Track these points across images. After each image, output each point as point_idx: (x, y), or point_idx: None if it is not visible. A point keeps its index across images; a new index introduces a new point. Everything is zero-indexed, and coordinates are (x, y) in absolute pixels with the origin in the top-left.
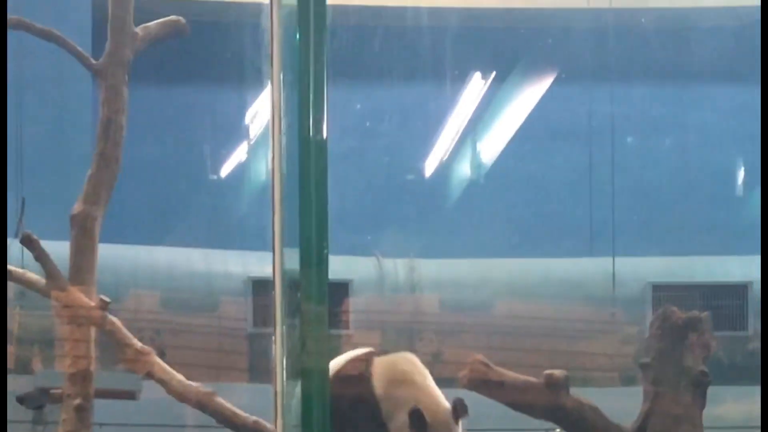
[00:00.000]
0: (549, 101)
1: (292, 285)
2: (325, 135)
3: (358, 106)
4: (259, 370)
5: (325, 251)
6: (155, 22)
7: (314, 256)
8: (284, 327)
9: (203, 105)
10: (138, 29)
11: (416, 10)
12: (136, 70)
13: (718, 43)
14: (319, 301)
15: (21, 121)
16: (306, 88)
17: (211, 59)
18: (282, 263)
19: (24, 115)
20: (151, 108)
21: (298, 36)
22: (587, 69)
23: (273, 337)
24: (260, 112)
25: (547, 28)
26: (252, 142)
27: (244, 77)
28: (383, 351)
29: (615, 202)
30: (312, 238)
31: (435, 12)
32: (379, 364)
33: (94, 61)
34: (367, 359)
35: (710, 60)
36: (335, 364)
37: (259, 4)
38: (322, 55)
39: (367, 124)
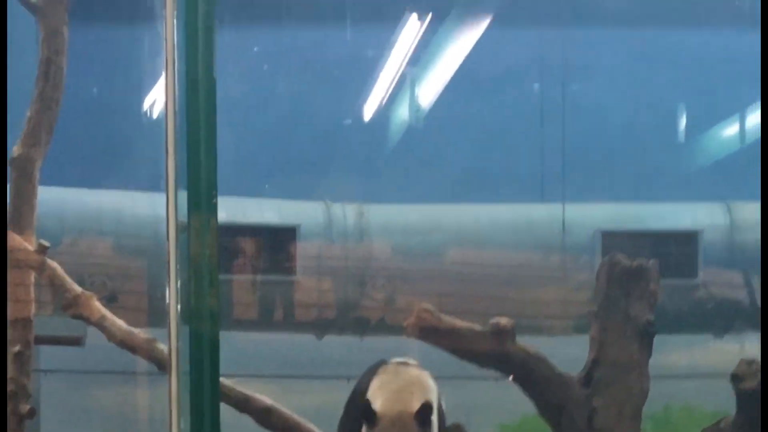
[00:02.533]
0: (498, 43)
1: (182, 228)
2: (214, 75)
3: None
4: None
5: (214, 193)
6: None
7: (203, 200)
8: (177, 271)
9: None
10: None
11: None
12: None
13: None
14: (208, 245)
15: None
16: (194, 26)
17: None
18: (176, 206)
19: None
20: None
21: None
22: (538, 11)
23: (167, 282)
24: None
25: None
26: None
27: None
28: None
29: (565, 147)
30: (201, 181)
31: None
32: (381, 370)
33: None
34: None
35: (666, 6)
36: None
37: None
38: None
39: (318, 67)
